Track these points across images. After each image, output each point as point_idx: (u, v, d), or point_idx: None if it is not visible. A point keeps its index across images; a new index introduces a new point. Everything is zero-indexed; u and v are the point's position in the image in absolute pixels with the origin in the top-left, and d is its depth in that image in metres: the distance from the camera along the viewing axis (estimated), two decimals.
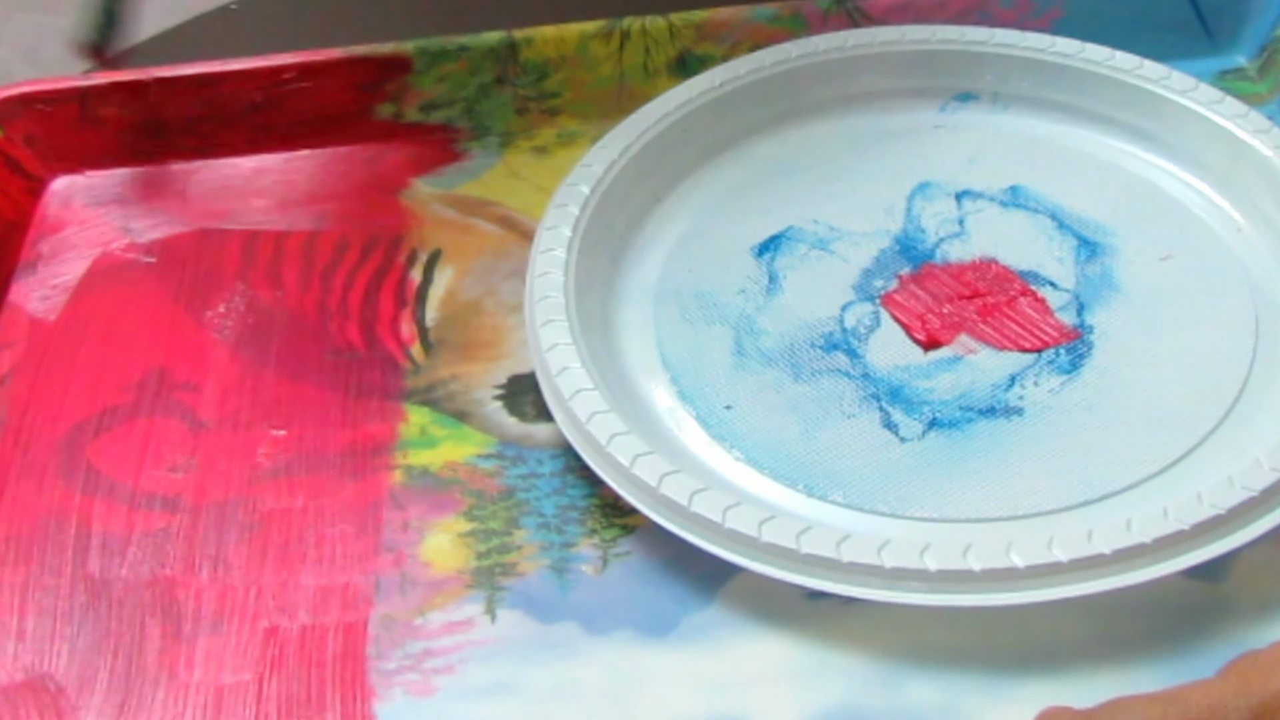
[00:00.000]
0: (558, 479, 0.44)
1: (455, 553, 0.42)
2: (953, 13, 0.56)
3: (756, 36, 0.56)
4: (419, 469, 0.45)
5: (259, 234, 0.53)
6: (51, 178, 0.57)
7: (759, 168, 0.53)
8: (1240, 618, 0.39)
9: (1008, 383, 0.45)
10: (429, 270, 0.51)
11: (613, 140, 0.51)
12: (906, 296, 0.48)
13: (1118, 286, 0.48)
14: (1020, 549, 0.38)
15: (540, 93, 0.56)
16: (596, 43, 0.56)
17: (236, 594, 0.42)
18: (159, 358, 0.49)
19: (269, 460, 0.45)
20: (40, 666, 0.40)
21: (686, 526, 0.40)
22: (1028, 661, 0.38)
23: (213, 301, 0.51)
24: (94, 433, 0.47)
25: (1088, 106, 0.53)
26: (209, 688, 0.40)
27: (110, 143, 0.56)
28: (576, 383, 0.43)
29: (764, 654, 0.39)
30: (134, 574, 0.42)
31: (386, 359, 0.48)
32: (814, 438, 0.44)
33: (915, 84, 0.55)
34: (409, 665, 0.40)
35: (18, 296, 0.52)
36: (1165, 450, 0.42)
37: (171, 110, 0.55)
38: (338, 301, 0.50)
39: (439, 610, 0.41)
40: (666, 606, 0.41)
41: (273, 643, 0.41)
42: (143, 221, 0.54)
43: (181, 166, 0.56)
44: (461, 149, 0.56)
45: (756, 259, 0.50)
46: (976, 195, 0.51)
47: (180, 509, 0.44)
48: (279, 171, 0.56)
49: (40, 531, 0.44)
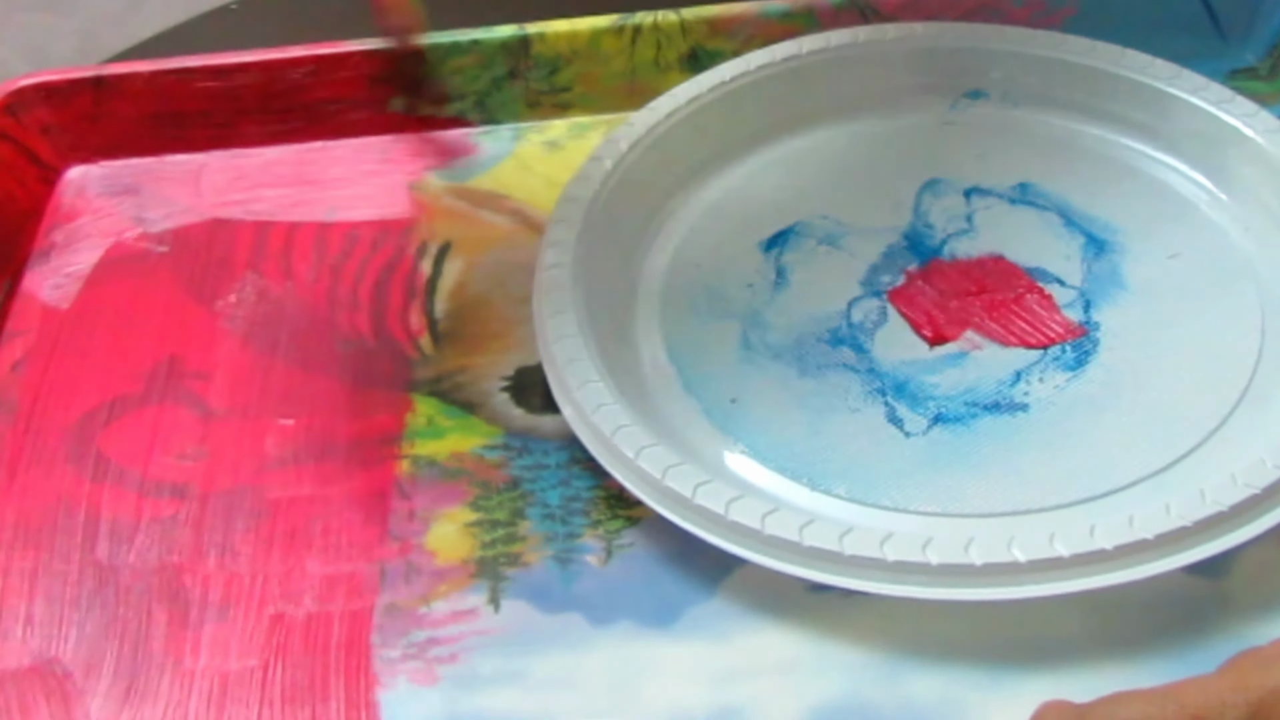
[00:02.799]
0: (563, 470, 0.44)
1: (460, 542, 0.43)
2: (964, 10, 0.56)
3: (768, 32, 0.56)
4: (426, 459, 0.45)
5: (270, 225, 0.54)
6: (66, 167, 0.57)
7: (768, 163, 0.53)
8: (1241, 614, 0.39)
9: (1013, 379, 0.45)
10: (439, 262, 0.52)
11: (623, 134, 0.51)
12: (914, 292, 0.48)
13: (1125, 284, 0.48)
14: (1022, 544, 0.38)
15: (552, 87, 0.57)
16: (608, 37, 0.56)
17: (243, 581, 0.42)
18: (170, 346, 0.49)
19: (277, 449, 0.46)
20: (48, 651, 0.41)
21: (690, 518, 0.40)
22: (1028, 655, 0.39)
23: (224, 291, 0.51)
24: (104, 420, 0.47)
25: (1098, 104, 0.53)
26: (215, 674, 0.40)
27: (124, 133, 0.56)
28: (583, 374, 0.43)
29: (766, 646, 0.39)
30: (142, 560, 0.43)
31: (395, 350, 0.48)
32: (819, 432, 0.44)
33: (925, 81, 0.55)
34: (413, 654, 0.40)
35: (31, 285, 0.52)
36: (1169, 447, 0.42)
37: (185, 101, 0.56)
38: (348, 292, 0.51)
39: (443, 599, 0.41)
40: (670, 598, 0.41)
41: (278, 630, 0.41)
42: (155, 211, 0.55)
43: (194, 157, 0.57)
44: (473, 142, 0.57)
45: (764, 254, 0.50)
46: (985, 192, 0.52)
47: (189, 497, 0.44)
48: (291, 163, 0.56)
49: (50, 518, 0.44)
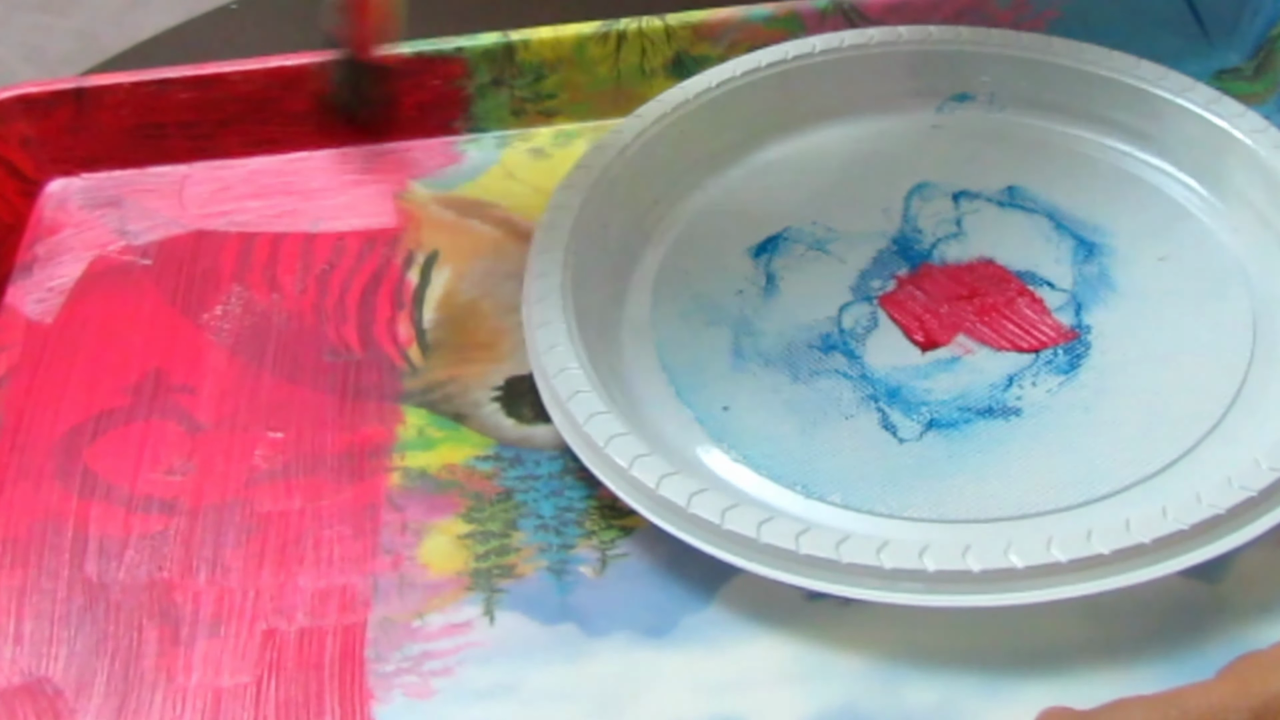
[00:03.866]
0: (556, 481, 0.44)
1: (453, 555, 0.42)
2: (949, 13, 0.56)
3: (753, 37, 0.56)
4: (417, 471, 0.45)
5: (255, 236, 0.53)
6: (47, 180, 0.56)
7: (756, 169, 0.53)
8: (1239, 618, 0.39)
9: (1006, 383, 0.45)
10: (426, 272, 0.51)
11: (609, 142, 0.51)
12: (904, 297, 0.48)
13: (1115, 287, 0.48)
14: (1019, 549, 0.37)
15: (537, 94, 0.56)
16: (593, 44, 0.56)
17: (234, 596, 0.42)
18: (156, 360, 0.49)
19: (266, 462, 0.45)
20: (38, 670, 0.40)
21: (685, 528, 0.40)
22: (1026, 662, 0.38)
23: (209, 304, 0.51)
24: (91, 435, 0.46)
25: (1085, 106, 0.53)
26: (207, 690, 0.39)
27: (105, 145, 0.56)
28: (574, 384, 0.43)
29: (763, 655, 0.39)
30: (131, 577, 0.42)
31: (384, 361, 0.48)
32: (812, 439, 0.44)
33: (912, 84, 0.55)
34: (407, 667, 0.40)
35: (14, 299, 0.52)
36: (1163, 450, 0.42)
37: (167, 112, 0.55)
38: (335, 303, 0.50)
39: (437, 612, 0.41)
40: (665, 608, 0.41)
41: (271, 645, 0.40)
42: (139, 224, 0.54)
43: (177, 169, 0.56)
44: (459, 150, 0.56)
45: (754, 260, 0.50)
46: (974, 196, 0.51)
47: (178, 511, 0.44)
48: (275, 173, 0.56)
49: (37, 535, 0.44)
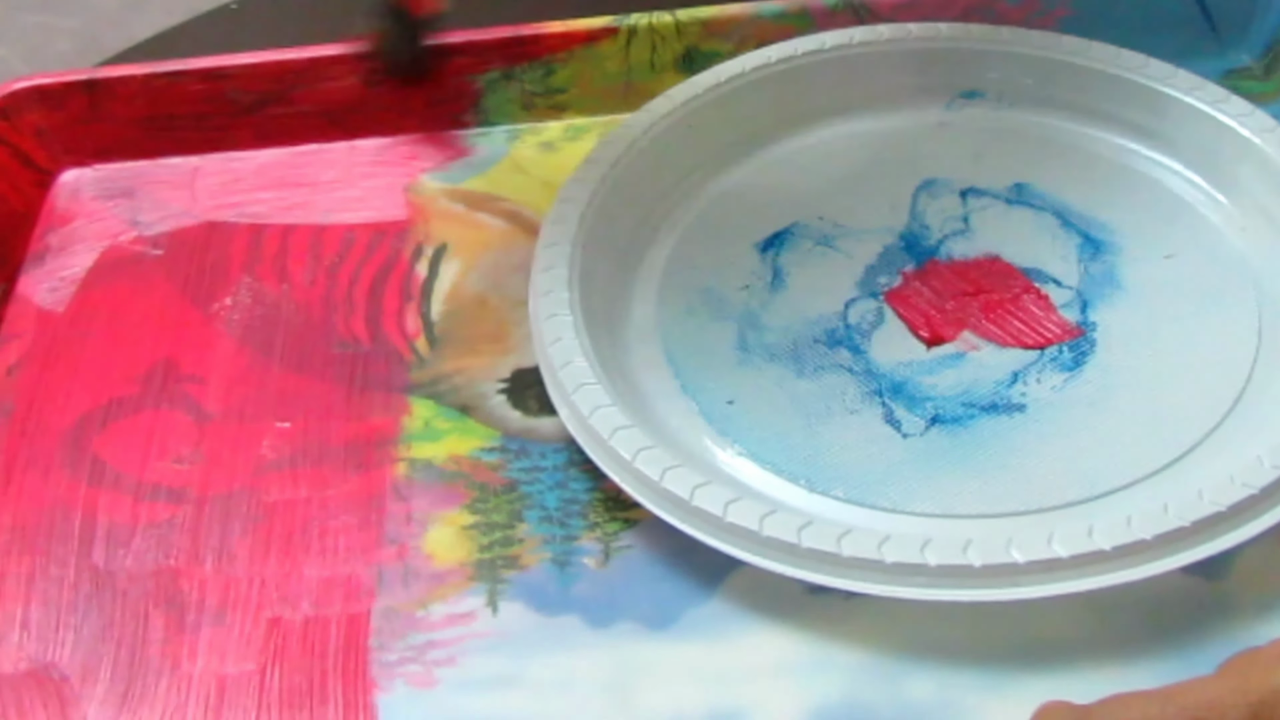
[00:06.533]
0: (560, 473, 0.44)
1: (458, 545, 0.42)
2: (959, 10, 0.56)
3: (763, 33, 0.56)
4: (423, 462, 0.45)
5: (266, 227, 0.54)
6: (60, 170, 0.57)
7: (764, 164, 0.53)
8: (1240, 615, 0.39)
9: (1010, 379, 0.45)
10: (434, 264, 0.51)
11: (618, 136, 0.51)
12: (910, 293, 0.48)
13: (1121, 284, 0.48)
14: (1020, 544, 0.38)
15: (547, 88, 0.57)
16: (603, 39, 0.56)
17: (240, 585, 0.42)
18: (165, 350, 0.49)
19: (273, 452, 0.45)
20: (45, 656, 0.41)
21: (688, 520, 0.40)
22: (1027, 657, 0.39)
23: (219, 294, 0.51)
24: (100, 424, 0.47)
25: (1093, 104, 0.53)
26: (212, 678, 0.40)
27: (119, 136, 0.56)
28: (580, 377, 0.43)
29: (765, 648, 0.39)
30: (138, 565, 0.43)
31: (391, 352, 0.48)
32: (816, 433, 0.44)
33: (921, 81, 0.55)
34: (411, 657, 0.40)
35: (26, 288, 0.52)
36: (1167, 447, 0.42)
37: (179, 104, 0.56)
38: (343, 295, 0.51)
39: (441, 602, 0.41)
40: (668, 600, 0.41)
41: (275, 634, 0.41)
42: (150, 214, 0.55)
43: (189, 160, 0.57)
44: (469, 144, 0.56)
45: (761, 255, 0.50)
46: (981, 193, 0.51)
47: (185, 500, 0.44)
48: (285, 165, 0.56)
49: (46, 522, 0.44)
